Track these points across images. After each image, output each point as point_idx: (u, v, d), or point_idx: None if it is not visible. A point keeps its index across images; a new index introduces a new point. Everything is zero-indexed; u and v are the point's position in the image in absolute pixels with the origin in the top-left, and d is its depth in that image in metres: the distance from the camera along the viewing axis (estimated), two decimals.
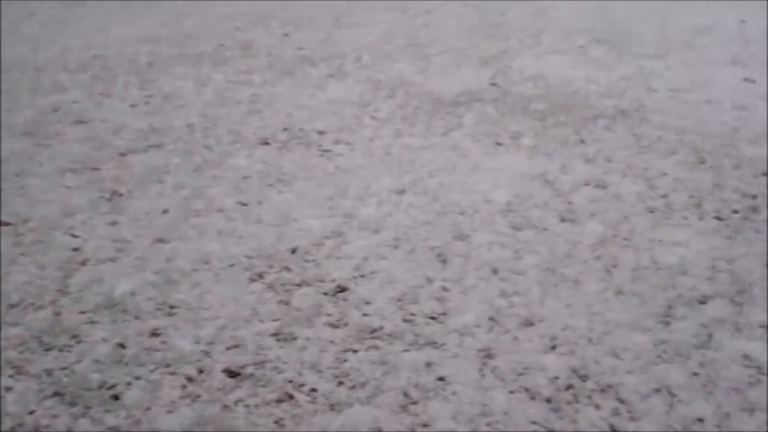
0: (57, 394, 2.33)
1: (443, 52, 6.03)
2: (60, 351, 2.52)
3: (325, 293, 2.86)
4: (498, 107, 4.77)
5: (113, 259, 3.09)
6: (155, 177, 3.83)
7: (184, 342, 2.58)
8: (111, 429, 2.19)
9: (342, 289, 2.89)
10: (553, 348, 2.55)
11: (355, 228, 3.34)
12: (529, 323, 2.68)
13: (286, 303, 2.80)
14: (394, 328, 2.65)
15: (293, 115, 4.70)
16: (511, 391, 2.35)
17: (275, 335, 2.62)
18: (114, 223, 3.38)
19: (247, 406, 2.28)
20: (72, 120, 4.61)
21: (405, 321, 2.69)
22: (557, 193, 3.63)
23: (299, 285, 2.91)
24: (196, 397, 2.32)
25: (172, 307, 2.77)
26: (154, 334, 2.62)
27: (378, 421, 2.22)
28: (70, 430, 2.19)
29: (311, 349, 2.54)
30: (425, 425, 2.21)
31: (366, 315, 2.73)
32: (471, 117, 4.61)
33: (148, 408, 2.27)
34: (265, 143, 4.27)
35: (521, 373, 2.43)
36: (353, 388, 2.37)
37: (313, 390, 2.36)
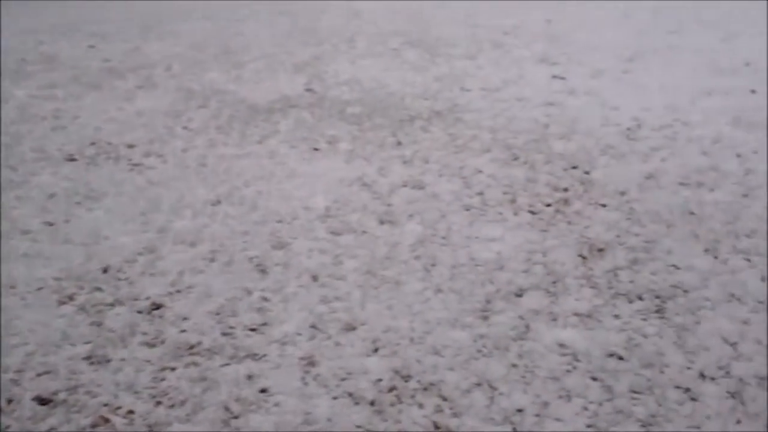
0: None
1: (257, 59, 6.00)
2: None
3: (140, 311, 2.79)
4: (314, 112, 4.79)
5: None
6: None
7: None
8: None
9: (157, 307, 2.82)
10: (376, 350, 2.58)
11: (170, 242, 3.27)
12: (351, 328, 2.69)
13: (98, 324, 2.71)
14: (212, 342, 2.61)
15: (101, 129, 4.57)
16: (335, 397, 2.35)
17: (88, 358, 2.53)
18: None
19: None
20: None
21: (224, 334, 2.66)
22: (376, 196, 3.67)
23: (112, 305, 2.83)
24: (5, 429, 2.21)
25: None
26: None
27: None
28: None
29: (126, 370, 2.47)
30: None
31: (183, 331, 2.68)
32: (287, 123, 4.61)
33: None
34: (72, 159, 4.13)
35: (344, 378, 2.44)
36: (172, 407, 2.32)
37: (130, 412, 2.29)
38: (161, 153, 4.20)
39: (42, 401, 2.34)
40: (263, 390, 2.39)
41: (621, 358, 2.53)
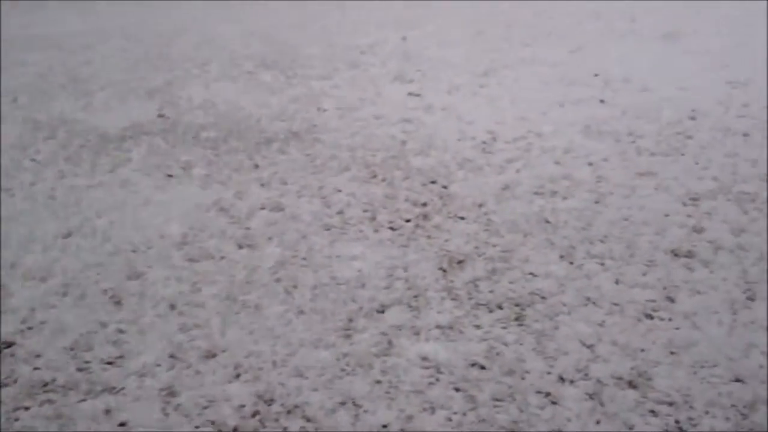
0: None
1: (106, 86, 5.90)
2: None
3: None
4: (167, 138, 4.74)
5: None
6: None
7: None
8: None
9: (8, 345, 2.75)
10: (238, 376, 2.57)
11: (19, 278, 3.19)
12: (212, 355, 2.68)
13: None
14: (68, 378, 2.56)
15: None
16: (197, 426, 2.34)
17: None
18: None
19: None
20: None
21: (80, 370, 2.61)
22: (233, 220, 3.67)
23: None
24: None
25: None
26: None
27: None
28: None
29: None
30: None
31: (37, 369, 2.62)
32: (139, 151, 4.54)
33: None
34: None
35: (206, 407, 2.43)
36: None
37: None
38: (9, 187, 4.09)
39: None
40: (122, 424, 2.36)
41: (483, 367, 2.60)
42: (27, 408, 2.43)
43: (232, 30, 7.57)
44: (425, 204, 3.81)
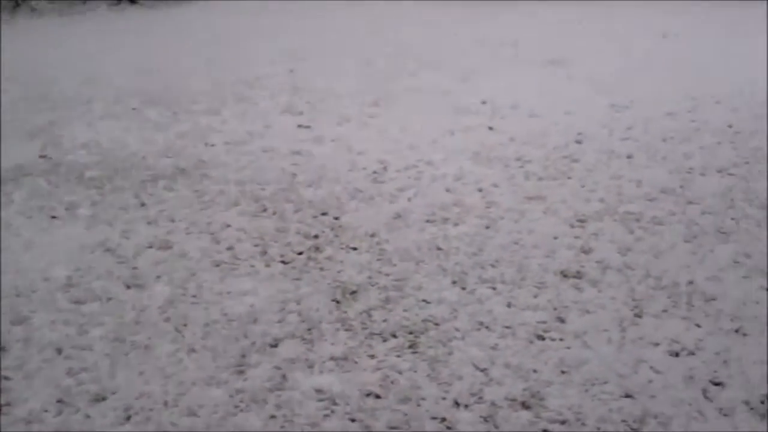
0: None
1: None
2: None
3: None
4: (50, 179, 4.67)
5: None
6: None
7: None
8: None
9: None
10: (128, 418, 2.56)
11: None
12: (101, 398, 2.66)
13: None
14: None
15: None
16: None
17: None
18: None
19: None
20: None
21: None
22: (120, 260, 3.64)
23: None
24: None
25: None
26: None
27: None
28: None
29: None
30: None
31: None
32: (21, 193, 4.46)
33: None
34: None
35: None
36: None
37: None
38: None
39: None
40: None
41: (378, 396, 2.64)
42: None
43: (116, 67, 7.50)
44: (317, 236, 3.85)
